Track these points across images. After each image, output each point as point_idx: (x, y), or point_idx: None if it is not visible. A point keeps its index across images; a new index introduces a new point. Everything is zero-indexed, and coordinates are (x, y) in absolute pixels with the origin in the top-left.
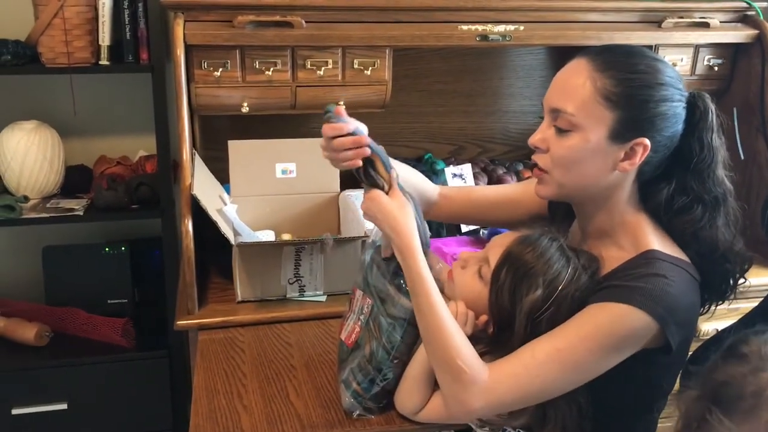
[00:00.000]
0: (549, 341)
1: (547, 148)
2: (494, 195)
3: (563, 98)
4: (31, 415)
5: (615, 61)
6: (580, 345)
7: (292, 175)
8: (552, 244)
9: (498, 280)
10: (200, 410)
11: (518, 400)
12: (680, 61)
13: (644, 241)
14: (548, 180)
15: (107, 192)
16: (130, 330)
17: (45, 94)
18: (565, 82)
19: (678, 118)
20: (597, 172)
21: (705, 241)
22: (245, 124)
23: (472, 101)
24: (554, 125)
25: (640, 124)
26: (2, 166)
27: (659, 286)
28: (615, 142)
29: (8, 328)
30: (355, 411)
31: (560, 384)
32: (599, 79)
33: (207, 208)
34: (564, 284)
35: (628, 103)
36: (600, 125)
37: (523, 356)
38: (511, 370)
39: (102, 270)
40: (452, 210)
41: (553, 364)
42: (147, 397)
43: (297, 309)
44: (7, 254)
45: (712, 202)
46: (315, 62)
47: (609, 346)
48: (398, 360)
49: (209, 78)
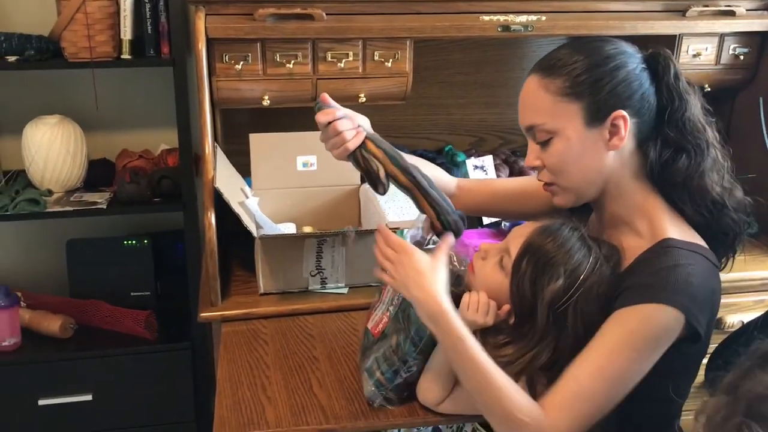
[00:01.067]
0: (587, 362)
1: (542, 164)
2: (513, 187)
3: (530, 115)
4: (57, 406)
5: (555, 61)
6: (619, 356)
7: (313, 168)
8: (573, 234)
9: (519, 270)
10: (224, 402)
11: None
12: (705, 50)
13: (660, 228)
14: (558, 191)
15: (130, 185)
16: (153, 322)
17: (68, 89)
18: (525, 100)
19: (641, 79)
20: (594, 161)
21: (695, 190)
22: (266, 117)
23: (493, 92)
24: (536, 142)
25: (607, 101)
26: (26, 160)
27: (680, 276)
28: (594, 126)
29: (34, 320)
30: (376, 400)
31: (612, 398)
32: (550, 83)
33: (229, 200)
34: (586, 274)
35: (585, 88)
36: (572, 120)
37: (569, 386)
38: (565, 404)
39: (125, 263)
40: (471, 202)
41: (599, 383)
42: (170, 388)
43: (319, 301)
44: (32, 248)
45: (695, 149)
46: (335, 54)
47: (646, 348)
48: (424, 353)
49: (230, 71)
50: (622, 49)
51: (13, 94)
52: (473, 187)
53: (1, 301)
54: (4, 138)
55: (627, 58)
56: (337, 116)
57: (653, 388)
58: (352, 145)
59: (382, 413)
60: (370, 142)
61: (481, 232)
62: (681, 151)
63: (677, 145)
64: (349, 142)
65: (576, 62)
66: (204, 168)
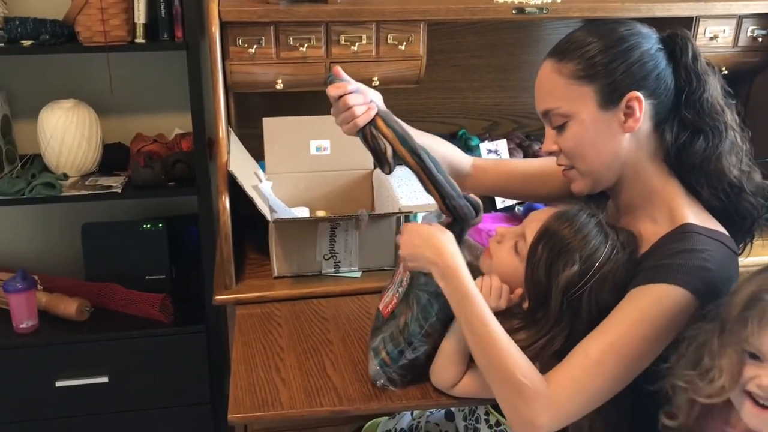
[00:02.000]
0: (598, 337)
1: (558, 149)
2: (530, 168)
3: (545, 100)
4: (74, 387)
5: (569, 45)
6: (631, 333)
7: (326, 152)
8: (590, 220)
9: (534, 255)
10: (239, 383)
11: (583, 406)
12: (722, 32)
13: (679, 214)
14: (576, 175)
15: (144, 169)
16: (168, 305)
17: (82, 73)
18: (540, 86)
19: (656, 59)
20: (610, 144)
21: (714, 172)
22: (279, 101)
23: (507, 76)
24: (552, 126)
25: (621, 82)
26: (42, 144)
27: (696, 261)
28: (608, 108)
29: (50, 303)
30: (379, 379)
31: (622, 378)
32: (563, 67)
33: (243, 184)
34: (602, 261)
35: (598, 71)
36: (586, 103)
37: (577, 359)
38: (569, 375)
39: (140, 246)
40: (486, 183)
41: (609, 359)
42: (185, 371)
43: (332, 285)
44: (48, 231)
45: (713, 131)
46: (349, 38)
47: (659, 328)
48: (430, 336)
49: (244, 55)
50: (637, 30)
51: (28, 78)
52: (489, 167)
53: (19, 284)
54: (20, 122)
55: (641, 38)
56: (348, 90)
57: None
58: (361, 121)
59: (395, 396)
60: (381, 120)
61: (494, 216)
62: (698, 133)
63: (694, 127)
64: (359, 118)
65: (589, 44)
66: (218, 152)
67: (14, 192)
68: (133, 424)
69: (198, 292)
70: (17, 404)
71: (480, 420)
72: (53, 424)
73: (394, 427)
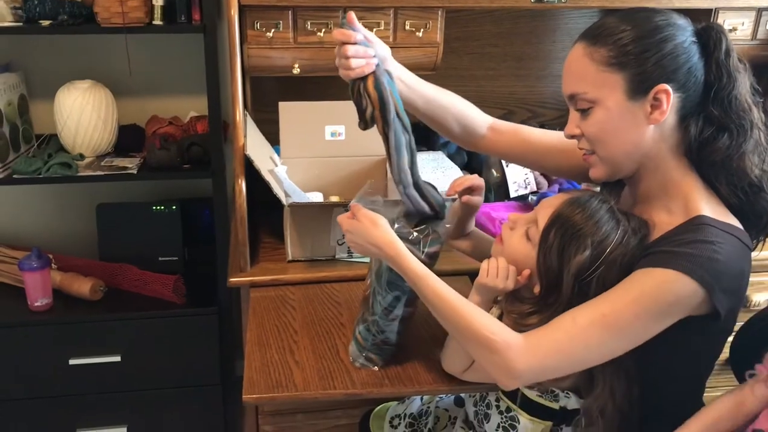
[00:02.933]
0: (592, 307)
1: (580, 133)
2: (546, 141)
3: (573, 83)
4: (87, 366)
5: (603, 30)
6: (626, 310)
7: (341, 138)
8: (602, 207)
9: (546, 240)
10: (253, 364)
11: (561, 364)
12: (741, 25)
13: (694, 206)
14: (596, 161)
15: (160, 151)
16: (181, 287)
17: (99, 54)
18: (569, 68)
19: (689, 53)
20: (633, 134)
21: (735, 171)
22: (294, 86)
23: (523, 65)
24: (577, 110)
25: (651, 73)
26: (59, 124)
27: (706, 252)
28: (636, 98)
29: (65, 282)
30: (357, 360)
31: (604, 349)
32: (595, 52)
33: (259, 168)
34: (612, 246)
35: (630, 59)
36: (614, 91)
37: (564, 322)
38: (551, 335)
39: (154, 228)
40: (502, 146)
41: (596, 328)
42: (196, 352)
43: (346, 269)
44: (63, 211)
45: (738, 129)
46: (367, 23)
47: (654, 311)
48: (394, 316)
49: (261, 39)
50: (672, 21)
51: (45, 58)
52: (506, 131)
53: (34, 262)
54: (37, 102)
55: (676, 30)
56: (352, 39)
57: (677, 366)
58: (353, 74)
59: (407, 380)
60: (371, 80)
61: (508, 205)
62: (723, 130)
63: (720, 124)
64: (352, 71)
65: (623, 32)
66: (235, 135)
67: (31, 171)
68: (145, 404)
69: (210, 274)
70: (31, 381)
71: (491, 406)
72: (66, 401)
73: (404, 412)
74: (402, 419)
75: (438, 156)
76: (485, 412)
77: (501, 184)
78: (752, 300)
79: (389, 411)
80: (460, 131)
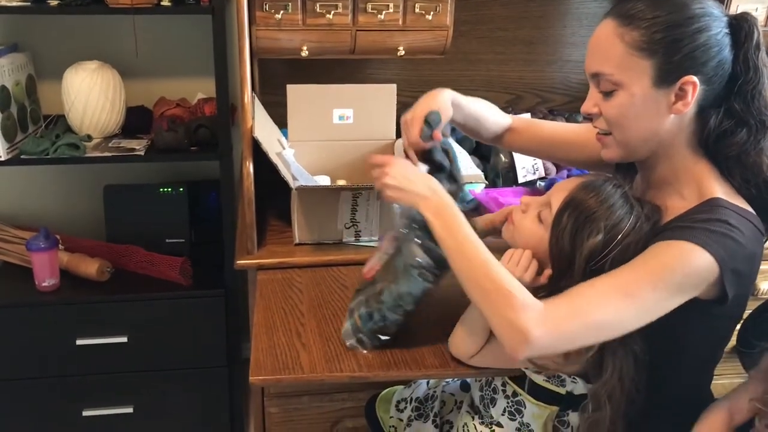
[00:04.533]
0: (611, 276)
1: (599, 112)
2: (562, 134)
3: (599, 61)
4: (94, 346)
5: (637, 11)
6: (643, 279)
7: (349, 121)
8: (616, 191)
9: (560, 223)
10: (260, 345)
11: (576, 331)
12: (755, 10)
13: (708, 190)
14: (610, 142)
15: (168, 133)
16: (188, 269)
17: (107, 35)
18: (597, 45)
19: (721, 45)
20: (653, 122)
21: (749, 166)
22: (303, 68)
23: (533, 49)
24: (599, 90)
25: (681, 63)
26: (66, 105)
27: (722, 229)
28: (661, 87)
29: (72, 262)
30: (348, 340)
31: (620, 317)
32: (626, 33)
33: (267, 151)
34: (626, 231)
35: (661, 47)
36: (641, 77)
37: (582, 288)
38: (569, 299)
39: (161, 210)
40: (516, 143)
41: (613, 294)
42: (203, 333)
43: (353, 253)
44: (70, 192)
45: (758, 125)
46: (376, 6)
47: (671, 282)
48: (401, 307)
49: (270, 20)
50: (709, 11)
51: (53, 38)
52: (523, 130)
53: (42, 242)
54: (45, 82)
55: (712, 21)
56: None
57: (681, 351)
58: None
59: (414, 363)
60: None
61: (516, 190)
62: (742, 125)
63: (740, 118)
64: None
65: (658, 17)
66: (243, 117)
67: (39, 152)
68: (151, 385)
69: (217, 256)
70: (38, 361)
71: (497, 390)
72: (73, 382)
73: (410, 396)
74: (408, 403)
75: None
76: (491, 397)
77: (509, 169)
78: (760, 288)
79: (395, 395)
80: (488, 135)
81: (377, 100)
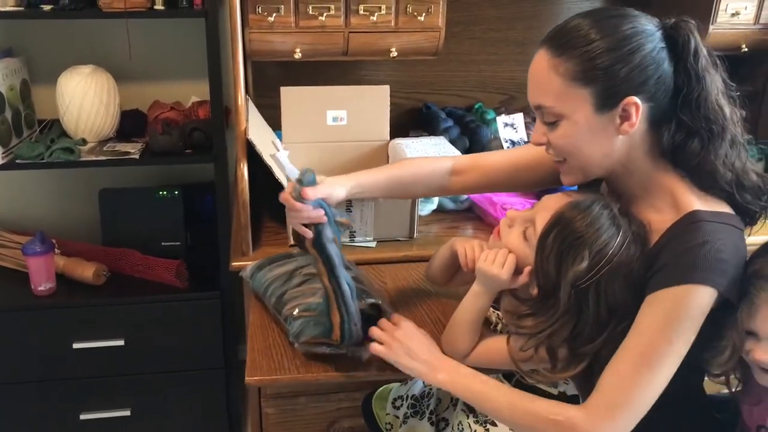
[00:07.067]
0: (628, 352)
1: (547, 142)
2: (512, 160)
3: (538, 95)
4: (91, 350)
5: (568, 40)
6: (659, 340)
7: (343, 123)
8: (603, 213)
9: (544, 246)
10: (256, 346)
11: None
12: (744, 9)
13: (684, 201)
14: (567, 169)
15: (162, 137)
16: (184, 271)
17: (101, 39)
18: (534, 78)
19: (658, 61)
20: (603, 145)
21: (708, 174)
22: (296, 70)
23: (525, 50)
24: (543, 122)
25: (619, 87)
26: (61, 109)
27: (711, 253)
28: (604, 112)
29: (68, 266)
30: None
31: (654, 384)
32: (560, 65)
33: (261, 153)
34: (611, 254)
35: (597, 74)
36: (582, 105)
37: (611, 380)
38: (603, 396)
39: (156, 213)
40: (468, 184)
41: (642, 369)
42: (199, 336)
43: (348, 254)
44: (66, 196)
45: (708, 134)
46: (368, 7)
47: (684, 329)
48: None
49: (263, 23)
50: (641, 29)
51: (47, 43)
52: (469, 169)
53: (38, 247)
54: (39, 87)
55: (645, 39)
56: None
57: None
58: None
59: None
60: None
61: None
62: (693, 135)
63: (690, 129)
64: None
65: (590, 44)
66: (237, 120)
67: (34, 156)
68: (148, 387)
69: (212, 259)
70: (35, 365)
71: None
72: (70, 385)
73: (406, 393)
74: (404, 400)
75: (440, 141)
76: None
77: None
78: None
79: (392, 392)
80: (429, 191)
81: (370, 101)
